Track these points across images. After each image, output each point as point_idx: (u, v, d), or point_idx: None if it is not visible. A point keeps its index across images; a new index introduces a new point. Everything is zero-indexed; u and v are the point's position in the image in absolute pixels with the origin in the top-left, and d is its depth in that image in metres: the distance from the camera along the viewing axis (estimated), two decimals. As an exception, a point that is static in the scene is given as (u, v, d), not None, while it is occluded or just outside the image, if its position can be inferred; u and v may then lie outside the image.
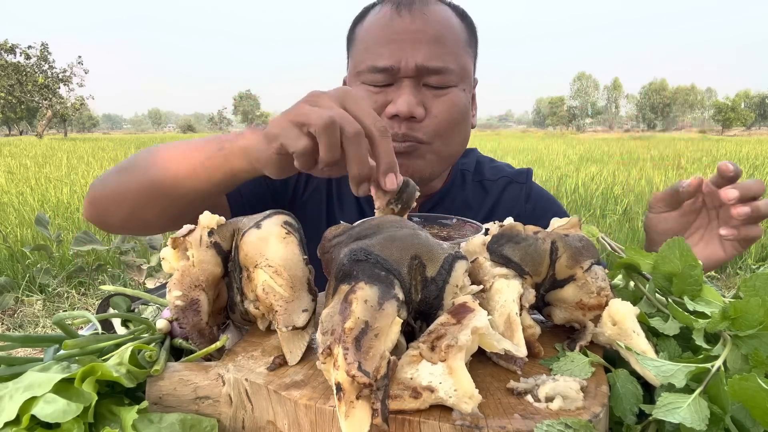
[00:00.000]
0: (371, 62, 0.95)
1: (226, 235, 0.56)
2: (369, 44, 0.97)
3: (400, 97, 0.93)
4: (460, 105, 0.98)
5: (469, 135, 1.07)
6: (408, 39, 0.94)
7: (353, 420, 0.38)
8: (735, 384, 0.41)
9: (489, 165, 1.23)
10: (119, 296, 0.72)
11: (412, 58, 0.93)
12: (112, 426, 0.45)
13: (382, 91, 0.96)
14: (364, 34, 0.99)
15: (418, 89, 0.95)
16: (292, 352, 0.50)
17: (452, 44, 0.96)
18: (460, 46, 0.98)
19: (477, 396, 0.39)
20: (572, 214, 0.94)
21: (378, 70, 0.94)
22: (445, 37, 0.95)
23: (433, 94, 0.96)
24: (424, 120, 0.95)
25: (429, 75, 0.94)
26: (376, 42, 0.96)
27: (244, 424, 0.49)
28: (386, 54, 0.94)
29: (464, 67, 0.98)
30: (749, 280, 0.54)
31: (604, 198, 6.62)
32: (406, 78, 0.94)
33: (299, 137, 0.63)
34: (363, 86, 0.98)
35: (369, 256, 0.46)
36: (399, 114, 0.92)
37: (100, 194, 0.89)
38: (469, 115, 1.03)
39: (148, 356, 0.52)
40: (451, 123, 0.97)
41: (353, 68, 1.00)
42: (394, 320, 0.43)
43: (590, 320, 0.55)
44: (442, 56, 0.94)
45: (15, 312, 3.51)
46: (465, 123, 1.02)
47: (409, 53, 0.93)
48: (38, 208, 5.72)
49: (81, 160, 12.59)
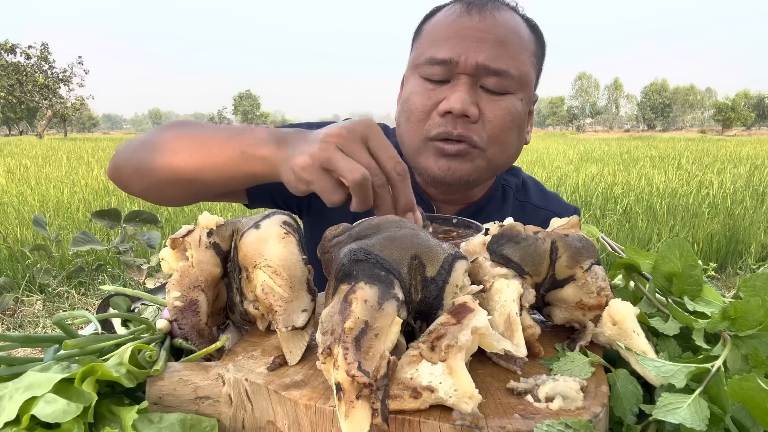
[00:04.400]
0: (431, 54, 0.93)
1: (225, 235, 0.56)
2: (433, 38, 0.95)
3: (454, 94, 0.90)
4: (515, 113, 0.95)
5: (521, 149, 1.03)
6: (473, 36, 0.92)
7: (353, 420, 0.38)
8: (735, 384, 0.41)
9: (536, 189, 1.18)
10: (119, 296, 0.72)
11: (473, 56, 0.90)
12: (112, 426, 0.45)
13: (437, 88, 0.94)
14: (431, 28, 0.98)
15: (475, 89, 0.92)
16: (292, 352, 0.50)
17: (517, 50, 0.94)
18: (524, 55, 0.95)
19: (477, 396, 0.39)
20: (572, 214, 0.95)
21: (436, 62, 0.92)
22: (510, 41, 0.93)
23: (489, 98, 0.93)
24: (477, 122, 0.92)
25: (488, 76, 0.91)
26: (441, 35, 0.94)
27: (244, 424, 0.49)
28: (448, 47, 0.92)
29: (526, 75, 0.95)
30: (749, 280, 0.54)
31: (604, 198, 6.62)
32: (463, 75, 0.91)
33: (335, 192, 0.64)
34: (419, 80, 0.96)
35: (369, 256, 0.46)
36: (452, 111, 0.90)
37: (123, 163, 0.89)
38: (524, 127, 1.00)
39: (148, 356, 0.52)
40: (504, 130, 0.94)
41: (413, 61, 0.98)
42: (394, 320, 0.43)
43: (590, 320, 0.55)
44: (505, 59, 0.92)
45: (15, 312, 3.51)
46: (518, 134, 0.98)
47: (471, 50, 0.91)
48: (38, 208, 5.72)
49: (81, 160, 12.59)
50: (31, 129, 68.94)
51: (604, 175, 8.62)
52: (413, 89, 0.96)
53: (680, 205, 6.07)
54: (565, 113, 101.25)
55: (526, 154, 14.34)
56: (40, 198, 6.44)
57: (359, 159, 0.63)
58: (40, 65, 43.22)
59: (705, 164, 11.38)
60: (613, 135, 52.65)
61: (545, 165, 11.03)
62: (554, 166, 10.61)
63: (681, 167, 10.43)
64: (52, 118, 43.53)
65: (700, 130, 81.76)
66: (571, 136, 45.54)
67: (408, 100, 0.97)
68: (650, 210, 5.89)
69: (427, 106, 0.94)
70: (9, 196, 6.47)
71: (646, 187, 7.38)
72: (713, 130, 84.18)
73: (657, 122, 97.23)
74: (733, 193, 6.76)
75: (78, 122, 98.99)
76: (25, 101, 42.67)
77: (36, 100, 42.79)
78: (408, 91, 0.98)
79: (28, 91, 42.00)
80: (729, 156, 14.30)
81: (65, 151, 16.98)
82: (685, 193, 6.79)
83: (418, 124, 0.95)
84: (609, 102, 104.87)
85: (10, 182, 7.90)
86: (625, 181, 7.98)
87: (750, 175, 8.60)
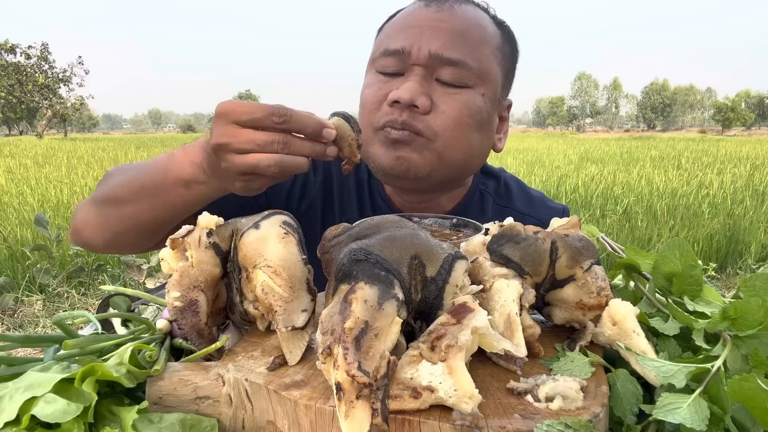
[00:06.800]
0: (385, 46, 0.90)
1: (225, 235, 0.56)
2: (389, 32, 0.93)
3: (404, 84, 0.86)
4: (473, 108, 0.88)
5: (486, 152, 0.97)
6: (427, 26, 0.88)
7: (353, 420, 0.38)
8: (735, 384, 0.41)
9: (520, 191, 1.11)
10: (119, 296, 0.72)
11: (426, 44, 0.86)
12: (112, 426, 0.45)
13: (390, 80, 0.89)
14: (389, 25, 0.95)
15: (429, 81, 0.87)
16: (291, 352, 0.50)
17: (477, 42, 0.88)
18: (486, 48, 0.90)
19: (477, 396, 0.39)
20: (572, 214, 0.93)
21: (389, 53, 0.88)
22: (469, 32, 0.88)
23: (445, 90, 0.87)
24: (429, 113, 0.86)
25: (443, 67, 0.86)
26: (396, 28, 0.92)
27: (244, 424, 0.49)
28: (401, 37, 0.88)
29: (487, 69, 0.89)
30: (749, 280, 0.54)
31: (604, 198, 6.62)
32: (417, 66, 0.87)
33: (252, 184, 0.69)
34: (374, 74, 0.92)
35: (369, 255, 0.46)
36: (399, 100, 0.85)
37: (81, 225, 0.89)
38: (488, 128, 0.93)
39: (148, 356, 0.52)
40: (458, 124, 0.87)
41: (371, 57, 0.95)
42: (394, 320, 0.43)
43: (590, 320, 0.55)
44: (461, 49, 0.86)
45: (15, 312, 3.51)
46: (478, 132, 0.91)
47: (424, 39, 0.86)
48: (38, 208, 5.72)
49: (81, 160, 12.59)
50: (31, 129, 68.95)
51: (604, 175, 8.62)
52: (367, 83, 0.93)
53: (680, 205, 6.07)
54: (565, 113, 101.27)
55: (526, 154, 14.32)
56: (40, 198, 6.44)
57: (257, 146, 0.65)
58: (40, 65, 43.22)
59: (705, 164, 11.38)
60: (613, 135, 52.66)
61: (545, 165, 11.02)
62: (554, 166, 10.61)
63: (681, 167, 10.43)
64: (52, 118, 43.54)
65: (700, 130, 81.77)
66: (571, 136, 45.55)
67: (362, 94, 0.94)
68: (650, 210, 5.89)
69: (378, 98, 0.89)
70: (9, 196, 6.47)
71: (646, 187, 7.37)
72: (713, 130, 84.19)
73: (657, 122, 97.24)
74: (733, 193, 6.76)
75: (78, 122, 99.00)
76: (25, 101, 42.68)
77: (36, 100, 42.80)
78: (363, 86, 0.95)
79: (28, 91, 42.01)
80: (729, 156, 14.30)
81: (65, 151, 16.98)
82: (685, 193, 6.78)
83: (369, 116, 0.91)
84: (609, 102, 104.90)
85: (10, 182, 7.89)
86: (625, 181, 7.97)
87: (750, 175, 8.60)
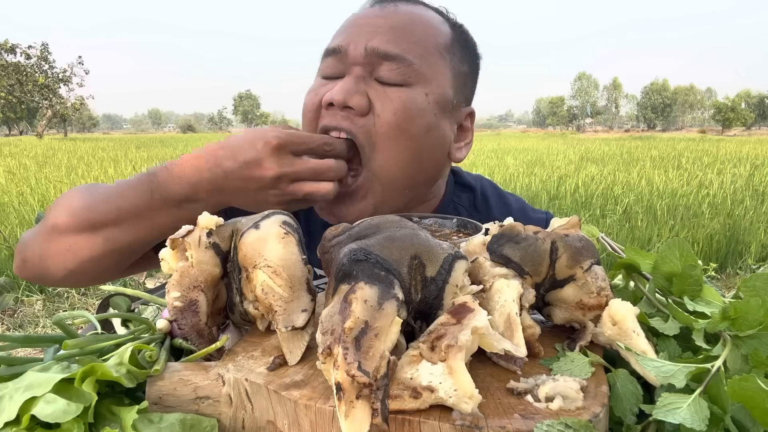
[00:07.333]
0: (326, 47, 0.85)
1: (225, 235, 0.56)
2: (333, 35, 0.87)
3: (338, 84, 0.80)
4: (413, 108, 0.80)
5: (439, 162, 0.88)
6: (366, 23, 0.83)
7: (353, 420, 0.38)
8: (735, 384, 0.41)
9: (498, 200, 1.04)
10: (119, 296, 0.72)
11: (363, 41, 0.80)
12: (112, 426, 0.45)
13: (328, 84, 0.83)
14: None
15: (366, 81, 0.81)
16: (292, 352, 0.50)
17: (419, 38, 0.82)
18: (431, 45, 0.83)
19: (477, 396, 0.39)
20: (572, 214, 0.92)
21: (328, 53, 0.84)
22: (412, 28, 0.83)
23: (384, 89, 0.80)
24: (366, 114, 0.80)
25: (381, 63, 0.80)
26: (338, 30, 0.86)
27: (244, 424, 0.49)
28: (339, 37, 0.84)
29: (428, 66, 0.82)
30: (749, 280, 0.54)
31: (604, 198, 6.62)
32: (355, 66, 0.81)
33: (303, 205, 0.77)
34: (317, 79, 0.87)
35: (369, 256, 0.46)
36: (333, 102, 0.79)
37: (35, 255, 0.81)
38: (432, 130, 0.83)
39: (148, 356, 0.52)
40: (397, 127, 0.79)
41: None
42: (394, 320, 0.43)
43: (590, 320, 0.55)
44: (401, 44, 0.80)
45: (15, 312, 3.51)
46: (423, 138, 0.82)
47: (362, 36, 0.81)
48: (38, 208, 5.71)
49: (81, 160, 12.59)
50: (31, 129, 68.95)
51: (604, 175, 8.62)
52: (309, 88, 0.88)
53: (680, 205, 6.07)
54: (565, 113, 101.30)
55: (526, 154, 14.31)
56: (40, 198, 6.44)
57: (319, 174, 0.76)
58: (40, 65, 43.23)
59: (705, 164, 11.37)
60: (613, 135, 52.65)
61: (545, 165, 11.02)
62: (554, 167, 10.61)
63: (681, 167, 10.43)
64: (52, 118, 43.54)
65: (700, 130, 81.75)
66: (571, 136, 45.54)
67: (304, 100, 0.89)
68: (650, 210, 5.88)
69: (315, 103, 0.84)
70: (9, 196, 6.47)
71: (646, 187, 7.37)
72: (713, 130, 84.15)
73: (657, 122, 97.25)
74: (733, 193, 6.76)
75: (78, 122, 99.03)
76: (25, 101, 42.69)
77: (36, 100, 42.81)
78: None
79: (28, 91, 42.01)
80: (729, 156, 14.29)
81: (65, 151, 16.98)
82: (685, 193, 6.78)
83: (310, 124, 0.85)
84: (609, 102, 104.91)
85: (10, 182, 7.89)
86: (625, 181, 7.97)
87: (750, 175, 8.60)
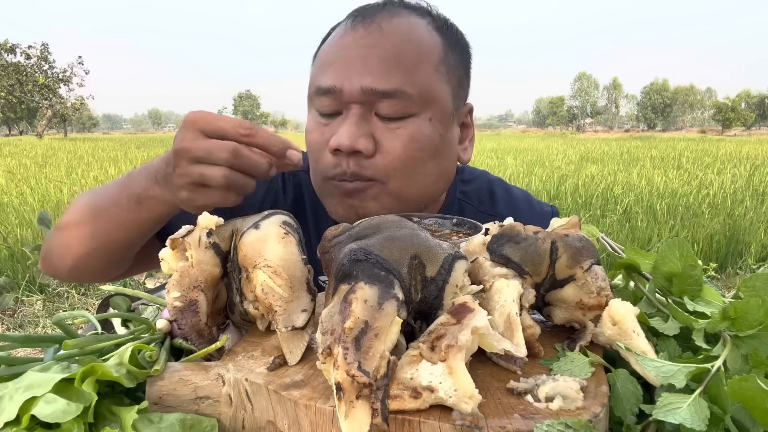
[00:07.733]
0: (317, 83, 0.82)
1: (225, 235, 0.56)
2: (320, 64, 0.85)
3: (342, 128, 0.79)
4: (420, 139, 0.81)
5: (450, 172, 0.91)
6: (355, 56, 0.80)
7: (353, 420, 0.38)
8: (735, 384, 0.41)
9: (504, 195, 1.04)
10: (119, 296, 0.72)
11: (357, 80, 0.78)
12: (112, 426, 0.45)
13: (330, 123, 0.82)
14: (322, 53, 0.86)
15: (367, 119, 0.80)
16: (292, 352, 0.50)
17: (413, 63, 0.80)
18: (426, 66, 0.82)
19: (477, 396, 0.39)
20: (572, 214, 0.92)
21: (322, 91, 0.81)
22: (403, 54, 0.80)
23: (387, 127, 0.80)
24: (374, 156, 0.80)
25: (380, 100, 0.79)
26: (325, 60, 0.84)
27: (244, 424, 0.49)
28: (331, 73, 0.81)
29: (429, 91, 0.82)
30: (749, 280, 0.54)
31: (604, 198, 6.62)
32: (353, 104, 0.79)
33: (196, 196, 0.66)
34: (313, 114, 0.85)
35: (369, 255, 0.46)
36: (340, 148, 0.78)
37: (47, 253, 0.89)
38: (441, 150, 0.85)
39: (148, 356, 0.52)
40: (408, 161, 0.81)
41: (308, 88, 0.86)
42: (394, 320, 0.43)
43: (590, 320, 0.55)
44: (396, 77, 0.79)
45: (15, 312, 3.51)
46: (433, 160, 0.84)
47: (354, 73, 0.79)
48: (38, 208, 5.72)
49: (81, 160, 12.59)
50: (31, 129, 68.96)
51: (604, 175, 8.62)
52: (308, 126, 0.87)
53: (680, 205, 6.07)
54: (565, 113, 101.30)
55: (526, 154, 14.32)
56: (40, 198, 6.44)
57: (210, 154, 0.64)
58: (40, 65, 43.23)
59: (705, 164, 11.36)
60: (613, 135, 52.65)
61: (545, 165, 11.02)
62: (554, 166, 10.61)
63: (681, 167, 10.42)
64: (52, 118, 43.53)
65: (701, 130, 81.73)
66: (571, 136, 45.54)
67: (306, 138, 0.88)
68: (650, 210, 5.88)
69: (321, 144, 0.83)
70: (9, 196, 6.47)
71: (646, 187, 7.37)
72: (713, 130, 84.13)
73: (657, 122, 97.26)
74: (733, 193, 6.76)
75: (78, 122, 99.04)
76: (25, 101, 42.70)
77: (36, 100, 42.80)
78: (306, 128, 0.88)
79: (28, 91, 42.01)
80: (729, 156, 14.29)
81: (65, 151, 16.98)
82: (685, 193, 6.78)
83: (316, 163, 0.85)
84: (609, 102, 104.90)
85: (10, 182, 7.89)
86: (626, 181, 7.97)
87: (750, 175, 8.60)
